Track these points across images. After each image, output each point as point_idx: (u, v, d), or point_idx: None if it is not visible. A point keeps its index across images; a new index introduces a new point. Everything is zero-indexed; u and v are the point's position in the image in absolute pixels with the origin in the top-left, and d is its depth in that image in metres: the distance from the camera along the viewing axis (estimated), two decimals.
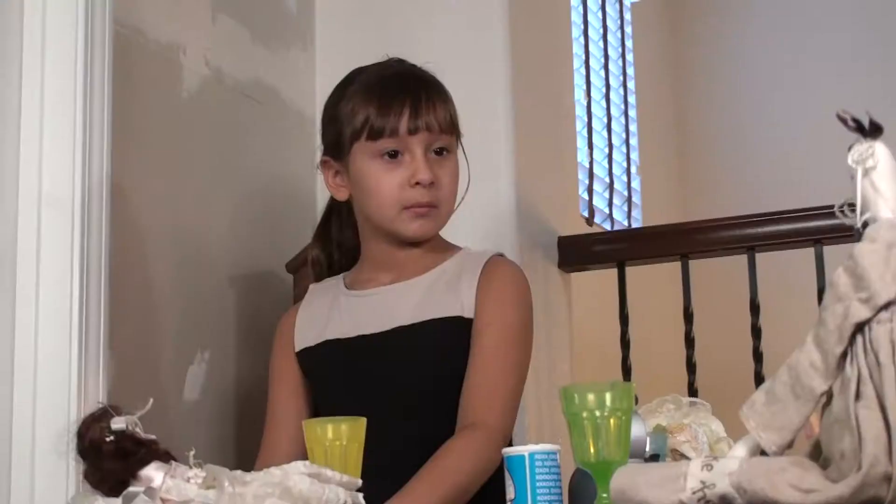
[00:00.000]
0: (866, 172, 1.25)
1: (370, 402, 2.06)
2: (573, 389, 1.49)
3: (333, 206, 2.33)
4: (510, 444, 2.10)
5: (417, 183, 2.10)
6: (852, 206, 1.27)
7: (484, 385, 2.05)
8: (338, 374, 2.16)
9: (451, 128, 2.17)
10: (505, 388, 2.07)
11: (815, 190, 2.96)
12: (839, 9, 5.19)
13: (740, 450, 1.28)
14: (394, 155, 2.12)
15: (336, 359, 2.17)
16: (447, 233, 2.28)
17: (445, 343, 2.09)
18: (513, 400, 2.09)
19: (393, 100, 2.13)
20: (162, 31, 2.56)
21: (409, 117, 2.11)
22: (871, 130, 1.26)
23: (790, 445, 1.26)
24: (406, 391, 2.09)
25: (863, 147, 1.26)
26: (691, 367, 3.22)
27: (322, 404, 2.18)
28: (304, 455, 1.71)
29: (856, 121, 1.26)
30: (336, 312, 2.21)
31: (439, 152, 2.15)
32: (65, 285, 2.15)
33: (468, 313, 2.10)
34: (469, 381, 2.06)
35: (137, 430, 1.46)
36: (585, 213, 4.06)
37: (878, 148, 1.25)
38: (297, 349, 2.22)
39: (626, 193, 4.52)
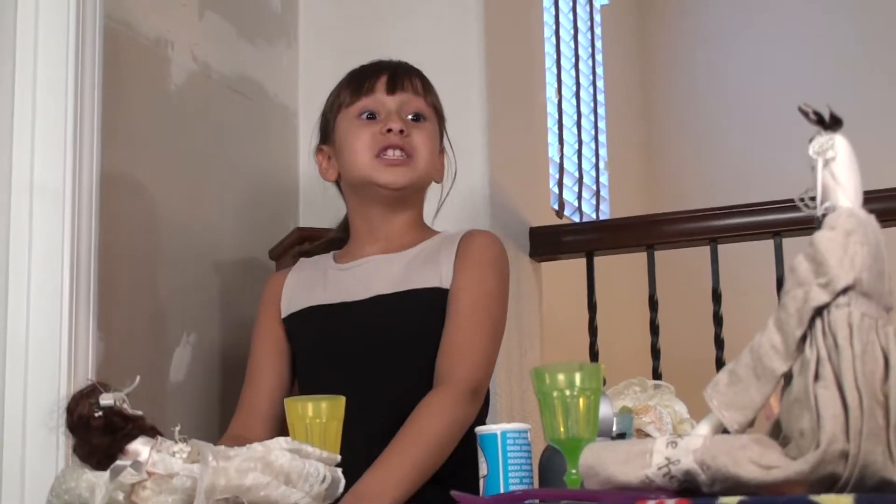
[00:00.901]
0: (826, 163, 1.25)
1: (348, 367, 2.06)
2: (544, 370, 1.48)
3: None
4: (486, 403, 2.09)
5: (389, 130, 2.14)
6: (813, 197, 1.27)
7: (456, 344, 2.04)
8: (320, 339, 2.16)
9: (429, 103, 2.21)
10: (477, 346, 2.05)
11: (773, 185, 2.97)
12: (799, 12, 5.21)
13: (704, 428, 1.27)
14: (371, 117, 2.17)
15: (317, 324, 2.17)
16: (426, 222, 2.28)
17: (424, 312, 2.08)
18: (485, 357, 2.06)
19: (370, 70, 2.22)
20: (151, 26, 2.54)
21: (385, 82, 2.19)
22: (832, 123, 1.26)
23: (752, 424, 1.26)
24: (384, 358, 2.08)
25: (823, 139, 1.25)
26: (656, 352, 3.22)
27: (303, 368, 2.18)
28: (280, 413, 1.70)
29: (817, 113, 1.26)
30: (322, 283, 2.21)
31: (416, 118, 2.18)
32: (55, 270, 2.14)
33: (446, 284, 2.09)
34: (443, 341, 2.05)
35: (125, 406, 1.45)
36: (555, 206, 4.06)
37: (838, 140, 1.25)
38: (283, 315, 2.22)
39: (594, 187, 4.53)
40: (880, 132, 4.70)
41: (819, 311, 1.20)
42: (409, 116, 2.18)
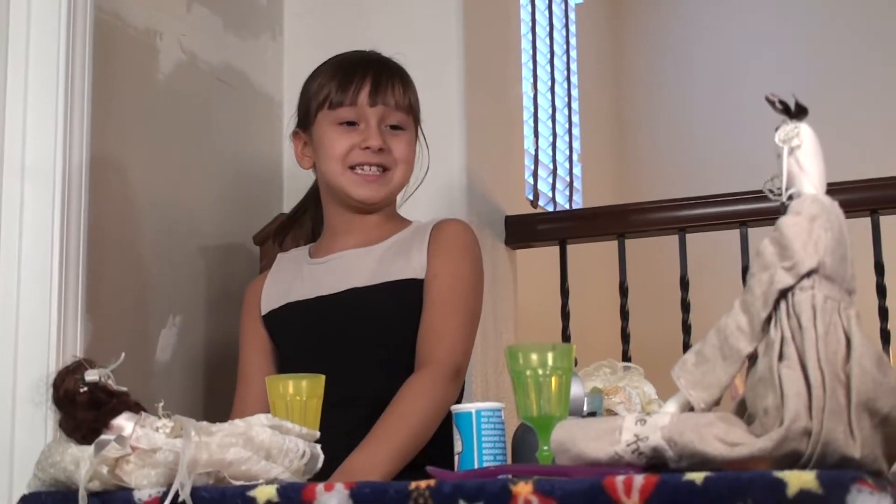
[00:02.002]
0: (792, 151, 1.25)
1: (328, 359, 2.04)
2: (518, 349, 1.47)
3: (310, 196, 2.33)
4: (463, 386, 2.08)
5: (367, 147, 2.11)
6: (779, 185, 1.26)
7: (435, 327, 2.03)
8: (298, 333, 2.15)
9: (409, 109, 2.18)
10: (455, 329, 2.04)
11: (741, 176, 2.97)
12: (768, 9, 5.22)
13: (671, 406, 1.27)
14: (351, 124, 2.14)
15: (297, 319, 2.15)
16: (404, 211, 2.27)
17: (399, 303, 2.07)
18: (464, 339, 2.05)
19: (354, 75, 2.16)
20: (140, 17, 2.52)
21: (368, 92, 2.14)
22: (797, 112, 1.25)
23: (718, 403, 1.26)
24: (362, 349, 2.07)
25: (789, 127, 1.25)
26: (625, 337, 3.22)
27: (285, 362, 2.16)
28: (270, 410, 1.70)
29: (783, 103, 1.25)
30: (299, 279, 2.20)
31: (394, 128, 2.15)
32: (45, 252, 2.11)
33: (419, 274, 2.08)
34: (422, 326, 2.04)
35: (110, 382, 1.44)
36: (530, 196, 4.05)
37: (803, 128, 1.25)
38: (263, 313, 2.20)
39: (567, 178, 4.52)
40: (848, 124, 4.72)
41: (784, 294, 1.20)
42: (389, 125, 2.15)
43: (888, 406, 1.15)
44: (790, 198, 1.25)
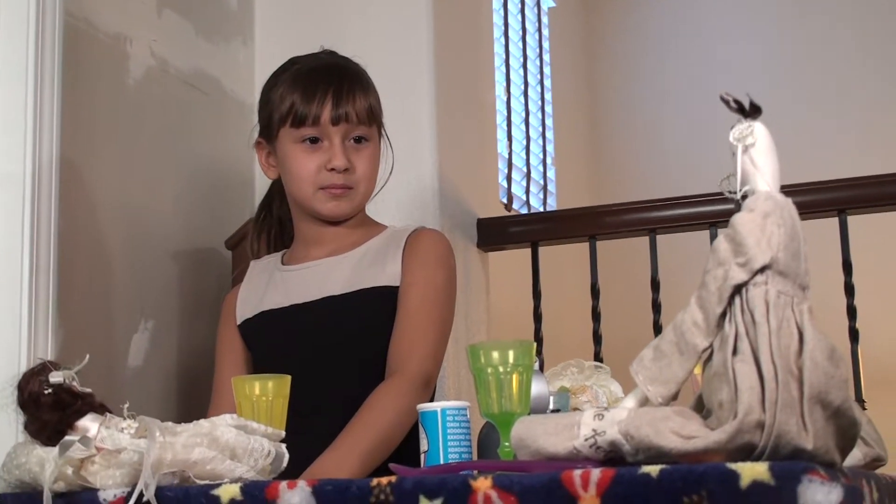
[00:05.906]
0: (746, 149, 1.26)
1: (303, 366, 2.03)
2: (479, 347, 1.48)
3: (274, 189, 2.32)
4: (433, 395, 2.09)
5: (333, 168, 2.10)
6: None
7: (406, 336, 2.03)
8: (273, 341, 2.14)
9: (371, 118, 2.15)
10: (426, 339, 2.04)
11: (710, 179, 2.97)
12: (738, 13, 5.25)
13: (630, 401, 1.28)
14: (314, 141, 2.12)
15: (271, 327, 2.15)
16: (376, 214, 2.27)
17: (374, 310, 2.07)
18: (435, 349, 2.05)
19: (316, 90, 2.12)
20: (110, 23, 2.53)
21: (329, 108, 2.11)
22: (751, 111, 1.27)
23: (675, 397, 1.27)
24: (336, 356, 2.06)
25: (743, 126, 1.27)
26: (597, 338, 3.23)
27: (260, 370, 2.14)
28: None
29: (737, 102, 1.27)
30: (272, 287, 2.19)
31: (357, 140, 2.14)
32: (16, 256, 2.11)
33: (394, 282, 2.08)
34: (395, 334, 2.04)
35: (74, 383, 1.44)
36: (504, 199, 4.07)
37: (757, 127, 1.27)
38: (238, 322, 2.20)
39: (542, 181, 4.54)
40: (817, 126, 4.75)
41: (738, 289, 1.22)
42: (352, 138, 2.14)
43: (840, 398, 1.16)
44: (744, 195, 1.26)
